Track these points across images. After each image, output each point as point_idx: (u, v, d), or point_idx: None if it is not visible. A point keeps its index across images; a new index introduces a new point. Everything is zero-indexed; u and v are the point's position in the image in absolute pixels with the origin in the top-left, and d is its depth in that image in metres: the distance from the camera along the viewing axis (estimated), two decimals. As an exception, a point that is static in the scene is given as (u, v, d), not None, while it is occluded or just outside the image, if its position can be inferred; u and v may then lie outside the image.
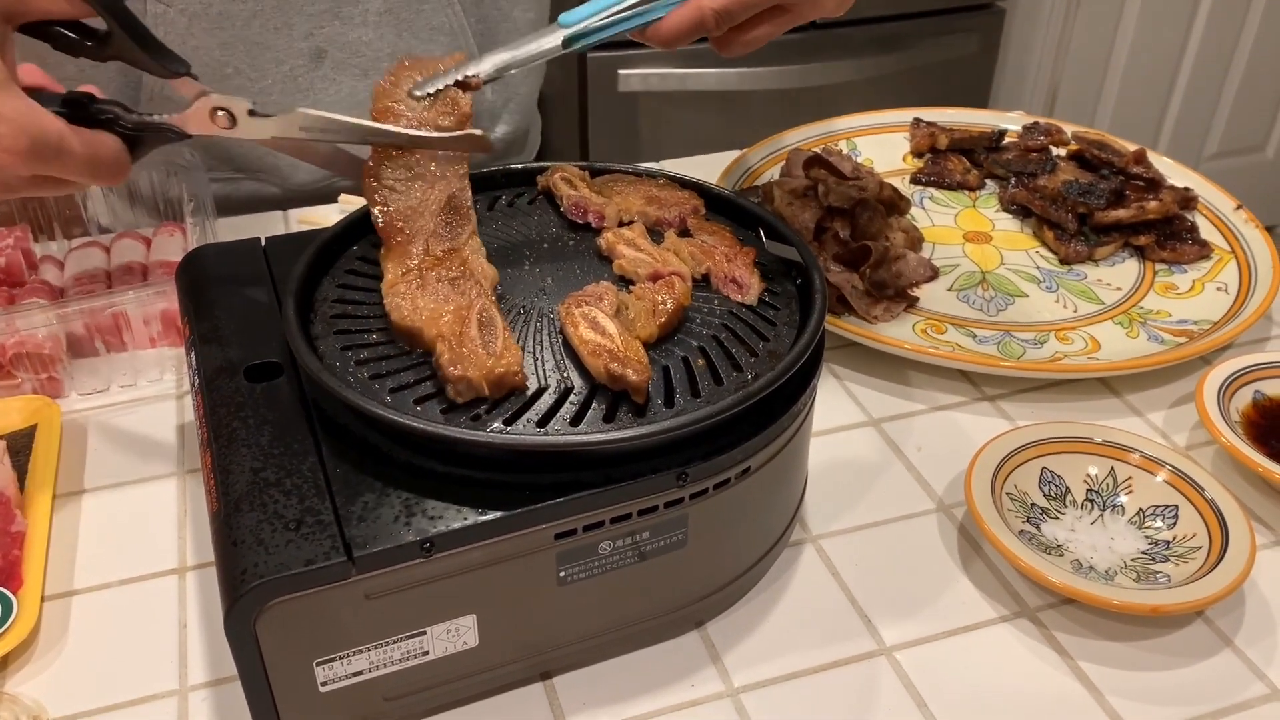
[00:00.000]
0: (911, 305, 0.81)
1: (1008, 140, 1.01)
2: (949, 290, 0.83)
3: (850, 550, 0.63)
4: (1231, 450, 0.66)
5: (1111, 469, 0.65)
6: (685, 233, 0.63)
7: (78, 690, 0.55)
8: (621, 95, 1.82)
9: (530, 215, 0.65)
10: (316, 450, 0.51)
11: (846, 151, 1.00)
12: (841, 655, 0.57)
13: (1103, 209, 0.87)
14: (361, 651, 0.49)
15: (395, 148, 0.59)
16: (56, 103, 0.55)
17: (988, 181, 0.98)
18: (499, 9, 0.96)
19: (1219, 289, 0.83)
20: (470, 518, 0.47)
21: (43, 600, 0.59)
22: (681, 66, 1.79)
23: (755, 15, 0.62)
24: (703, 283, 0.59)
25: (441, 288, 0.54)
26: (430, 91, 0.60)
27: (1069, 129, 1.00)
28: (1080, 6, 2.18)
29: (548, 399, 0.51)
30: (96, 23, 0.56)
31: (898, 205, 0.88)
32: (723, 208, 0.67)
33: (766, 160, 0.96)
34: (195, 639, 0.57)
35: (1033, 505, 0.63)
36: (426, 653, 0.50)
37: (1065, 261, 0.87)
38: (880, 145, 1.02)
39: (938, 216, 0.93)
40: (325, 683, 0.49)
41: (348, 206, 0.89)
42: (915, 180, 0.98)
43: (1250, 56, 2.34)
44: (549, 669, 0.55)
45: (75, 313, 0.71)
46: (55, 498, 0.65)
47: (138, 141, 0.57)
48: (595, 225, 0.63)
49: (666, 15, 0.62)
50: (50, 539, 0.62)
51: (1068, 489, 0.64)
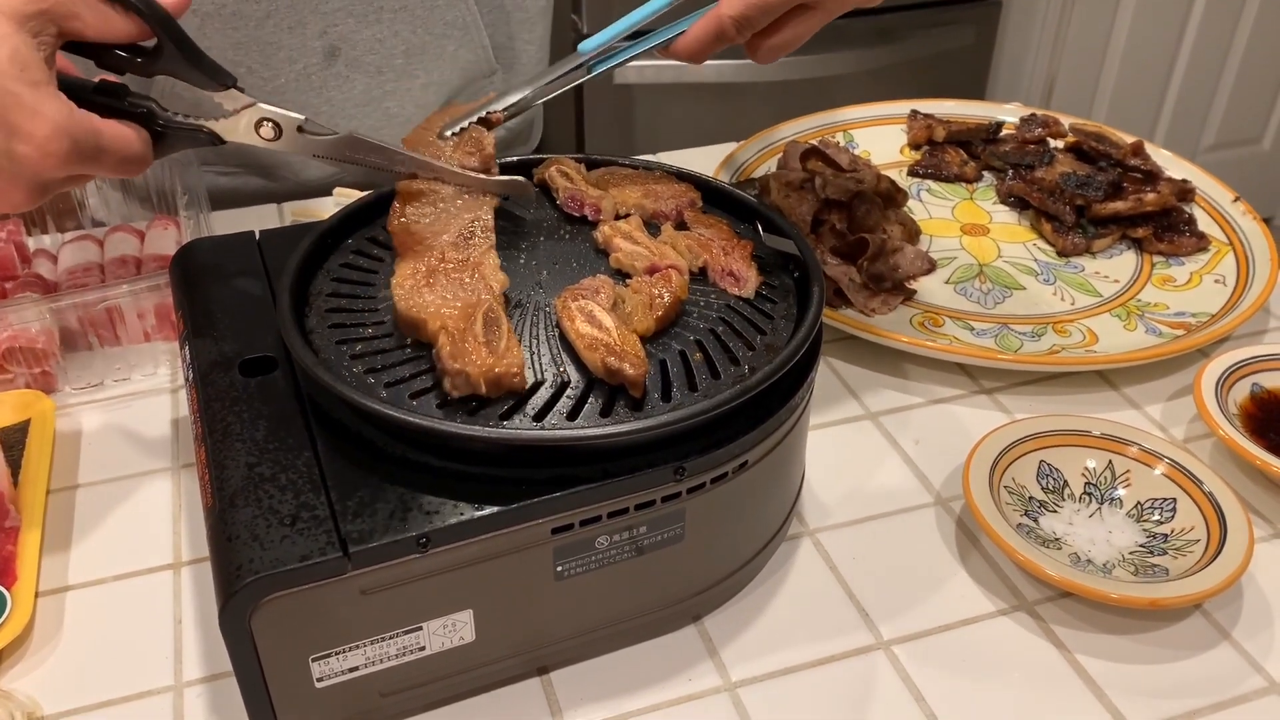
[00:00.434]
0: (909, 298, 0.80)
1: (1005, 132, 1.00)
2: (946, 283, 0.83)
3: (848, 544, 0.62)
4: (1229, 443, 0.65)
5: (1109, 462, 0.64)
6: (682, 226, 0.63)
7: (72, 686, 0.54)
8: (617, 87, 1.81)
9: (526, 208, 0.65)
10: (312, 445, 0.50)
11: (843, 144, 1.00)
12: (839, 649, 0.56)
13: (1100, 201, 0.87)
14: (357, 647, 0.48)
15: (429, 181, 0.61)
16: (90, 90, 0.54)
17: (985, 174, 0.98)
18: (513, 0, 0.96)
19: (1217, 281, 0.83)
20: (466, 513, 0.47)
21: (37, 596, 0.58)
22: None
23: (780, 18, 0.61)
24: (700, 276, 0.59)
25: (450, 285, 0.54)
26: (456, 131, 0.62)
27: (1066, 121, 0.99)
28: (1077, -2, 2.18)
29: (544, 393, 0.51)
30: (144, 39, 0.55)
31: (895, 198, 0.87)
32: (720, 200, 0.66)
33: (763, 153, 0.96)
34: (190, 635, 0.57)
35: (1031, 498, 0.63)
36: (423, 648, 0.50)
37: (1063, 254, 0.87)
38: (877, 137, 1.02)
39: (935, 209, 0.93)
40: (321, 678, 0.49)
41: (343, 199, 0.88)
42: (912, 172, 0.97)
43: (1247, 48, 2.34)
44: (546, 664, 0.55)
45: (69, 306, 0.71)
46: (49, 493, 0.65)
47: (164, 139, 0.56)
48: (592, 218, 0.62)
49: (687, 29, 0.62)
50: (44, 534, 0.62)
51: (1066, 482, 0.64)
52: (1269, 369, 0.71)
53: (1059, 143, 0.98)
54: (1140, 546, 0.61)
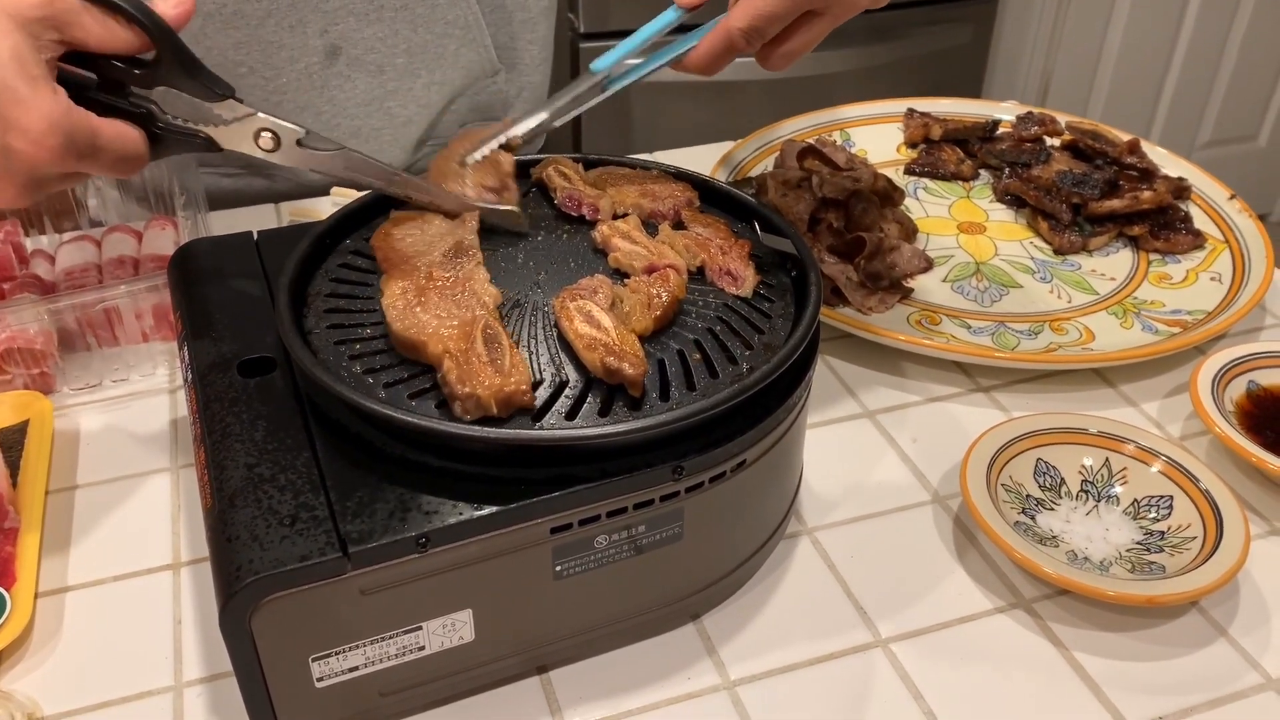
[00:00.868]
0: (906, 296, 0.81)
1: (1001, 130, 1.00)
2: (943, 281, 0.83)
3: (846, 542, 0.63)
4: (1226, 440, 0.66)
5: (1106, 460, 0.65)
6: (680, 225, 0.63)
7: (72, 687, 0.55)
8: (613, 96, 1.81)
9: (523, 208, 0.65)
10: (311, 446, 0.50)
11: (840, 142, 1.00)
12: (837, 647, 0.57)
13: (1097, 199, 0.87)
14: (357, 647, 0.49)
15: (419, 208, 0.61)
16: (92, 87, 0.54)
17: (982, 172, 0.98)
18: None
19: (1213, 279, 0.83)
20: (466, 513, 0.47)
21: (36, 597, 0.58)
22: (674, 57, 1.78)
23: (789, 25, 0.61)
24: (698, 275, 0.59)
25: (444, 303, 0.54)
26: (477, 158, 0.62)
27: (1062, 119, 0.99)
28: (1073, -4, 2.18)
29: (543, 393, 0.51)
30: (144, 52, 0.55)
31: (892, 196, 0.87)
32: (717, 200, 0.66)
33: (760, 151, 0.96)
34: (190, 635, 0.57)
35: (1028, 496, 0.63)
36: (422, 648, 0.50)
37: (1059, 252, 0.87)
38: (874, 136, 1.02)
39: (932, 207, 0.93)
40: (321, 678, 0.49)
41: (340, 200, 0.89)
42: (909, 171, 0.97)
43: (1242, 45, 2.34)
44: (545, 663, 0.55)
45: (67, 307, 0.71)
46: (48, 494, 0.65)
47: (162, 141, 0.56)
48: (590, 218, 0.63)
49: (697, 44, 0.62)
50: (43, 535, 0.62)
51: (1063, 480, 0.64)
52: (1265, 366, 0.72)
53: (1055, 141, 0.98)
54: (1137, 544, 0.61)
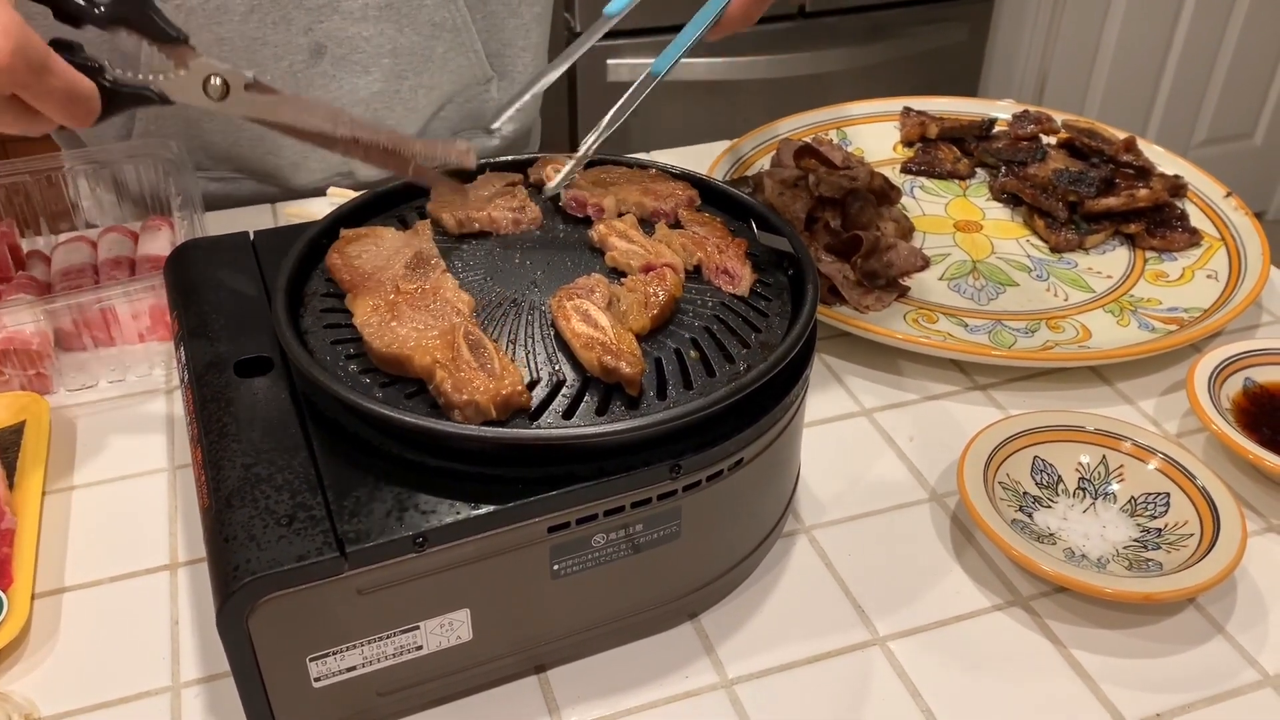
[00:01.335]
0: (903, 295, 0.81)
1: (998, 129, 1.01)
2: (940, 279, 0.83)
3: (843, 541, 0.63)
4: (1222, 437, 0.66)
5: (1103, 457, 0.65)
6: (677, 224, 0.63)
7: (69, 687, 0.54)
8: (611, 85, 1.81)
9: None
10: (308, 445, 0.50)
11: (837, 141, 1.00)
12: (835, 646, 0.57)
13: (1093, 197, 0.87)
14: (355, 647, 0.48)
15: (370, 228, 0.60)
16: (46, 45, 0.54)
17: (978, 170, 0.98)
18: (506, 5, 0.95)
19: (1209, 276, 0.83)
20: (463, 512, 0.47)
21: (33, 598, 0.58)
22: (670, 56, 1.78)
23: None
24: (695, 274, 0.59)
25: (419, 315, 0.53)
26: (558, 187, 0.62)
27: (1059, 117, 1.00)
28: (1069, -6, 2.18)
29: (540, 392, 0.51)
30: None
31: (888, 195, 0.87)
32: (714, 199, 0.66)
33: (757, 150, 0.96)
34: (187, 635, 0.57)
35: (1025, 494, 0.64)
36: (420, 647, 0.50)
37: (1056, 250, 0.87)
38: (871, 135, 1.02)
39: (928, 206, 0.93)
40: (319, 678, 0.49)
41: (336, 200, 0.88)
42: (906, 169, 0.97)
43: (1238, 43, 2.35)
44: (543, 662, 0.55)
45: (63, 308, 0.71)
46: (45, 494, 0.65)
47: (114, 97, 0.56)
48: (594, 218, 0.62)
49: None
50: (40, 536, 0.62)
51: (1060, 477, 0.65)
52: (1261, 363, 0.72)
53: (1051, 139, 0.98)
54: (1134, 541, 0.61)
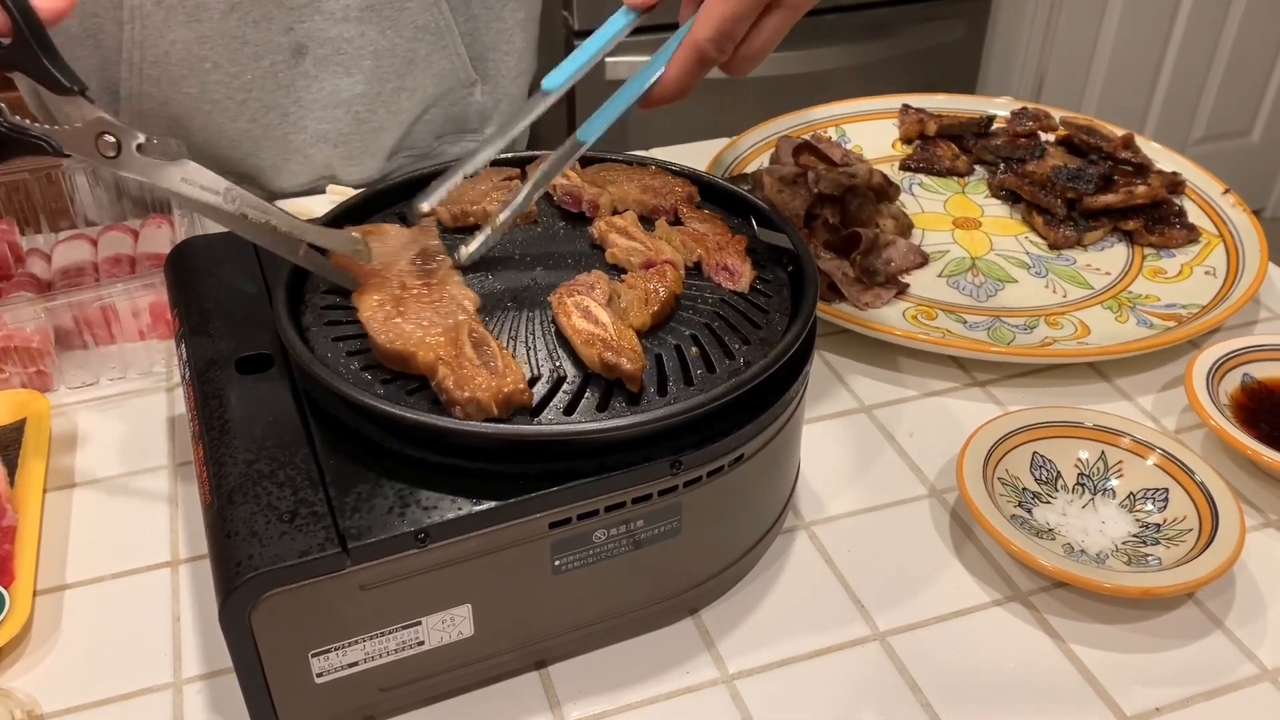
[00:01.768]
0: (902, 292, 0.81)
1: (996, 126, 1.01)
2: (939, 276, 0.84)
3: (843, 536, 0.63)
4: (1221, 433, 0.66)
5: (1102, 453, 0.65)
6: (676, 221, 0.63)
7: (72, 684, 0.55)
8: (609, 83, 1.81)
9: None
10: (309, 442, 0.50)
11: (835, 138, 1.00)
12: (835, 641, 0.57)
13: (1091, 194, 0.88)
14: (357, 642, 0.49)
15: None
16: None
17: (977, 167, 0.98)
18: (489, 9, 0.95)
19: (1207, 273, 0.84)
20: (465, 508, 0.47)
21: (35, 595, 0.58)
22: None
23: (750, 26, 0.60)
24: (695, 271, 0.59)
25: (424, 311, 0.53)
26: (432, 205, 0.57)
27: (1057, 114, 1.00)
28: (1067, -8, 2.18)
29: (541, 388, 0.51)
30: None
31: (887, 192, 0.88)
32: (713, 196, 0.67)
33: (756, 148, 0.96)
34: (189, 632, 0.57)
35: (1024, 490, 0.64)
36: (422, 643, 0.50)
37: (1054, 247, 0.87)
38: (869, 132, 1.02)
39: (927, 203, 0.93)
40: (321, 674, 0.49)
41: (336, 197, 0.89)
42: (904, 167, 0.98)
43: (1235, 41, 2.35)
44: (544, 658, 0.55)
45: (63, 305, 0.71)
46: (45, 492, 0.65)
47: (5, 144, 0.53)
48: (590, 214, 0.63)
49: (665, 70, 0.60)
50: (41, 533, 0.62)
51: (1059, 473, 0.65)
52: (1259, 359, 0.72)
53: (1050, 136, 0.99)
54: (1133, 536, 0.61)
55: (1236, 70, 2.39)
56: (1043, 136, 0.98)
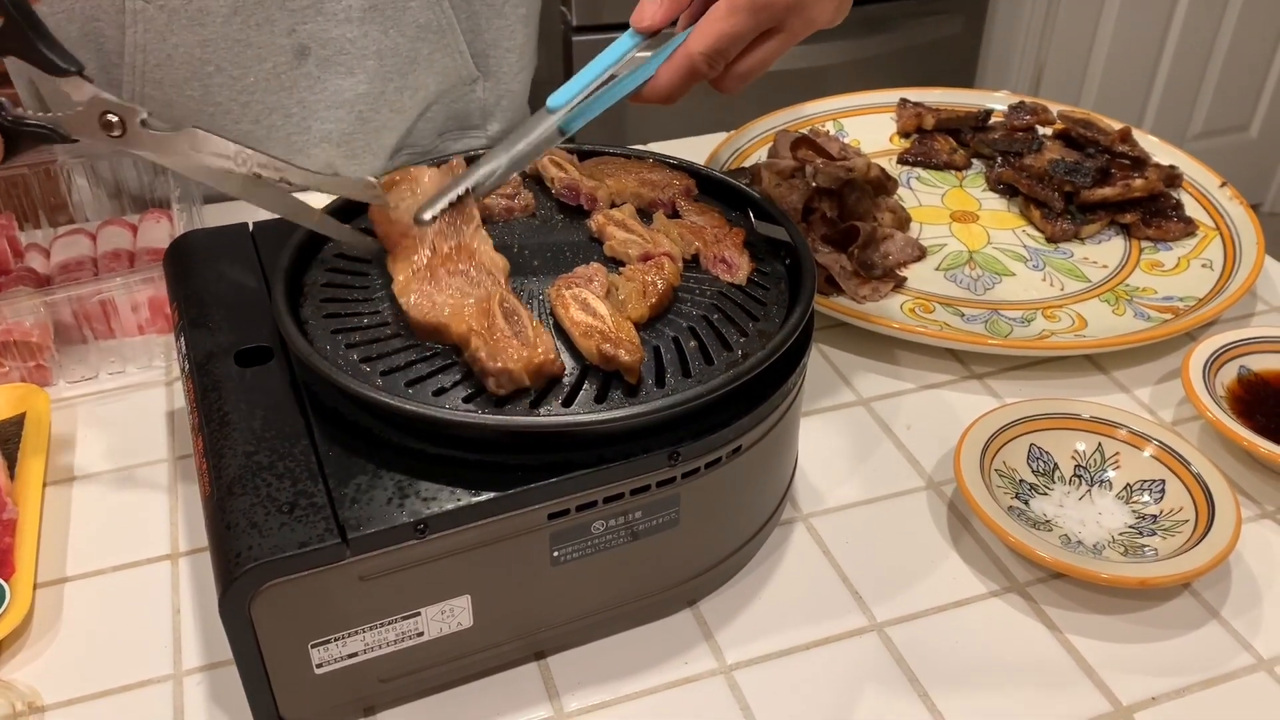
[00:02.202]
0: (899, 285, 0.81)
1: (994, 120, 1.01)
2: (936, 270, 0.84)
3: (841, 528, 0.63)
4: (1217, 425, 0.66)
5: (1099, 445, 0.65)
6: (675, 214, 0.63)
7: (72, 676, 0.55)
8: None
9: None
10: (308, 433, 0.51)
11: (833, 132, 1.00)
12: (833, 631, 0.57)
13: (1089, 187, 0.88)
14: (356, 633, 0.49)
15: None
16: None
17: (974, 161, 0.98)
18: (490, 5, 0.95)
19: (1204, 266, 0.84)
20: (464, 499, 0.47)
21: (35, 588, 0.59)
22: (667, 49, 1.78)
23: (746, 46, 0.60)
24: (693, 263, 0.59)
25: (456, 281, 0.54)
26: (435, 214, 0.57)
27: (1055, 108, 1.00)
28: (1065, -14, 2.18)
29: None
30: None
31: (885, 185, 0.88)
32: (711, 189, 0.67)
33: (754, 142, 0.96)
34: (189, 624, 0.57)
35: (1021, 481, 0.64)
36: (421, 634, 0.50)
37: (1052, 240, 0.88)
38: (867, 126, 1.02)
39: (925, 196, 0.93)
40: (320, 665, 0.49)
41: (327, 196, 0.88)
42: (902, 160, 0.98)
43: (1234, 35, 2.35)
44: (543, 649, 0.56)
45: (63, 300, 0.71)
46: (46, 486, 0.65)
47: (13, 139, 0.53)
48: (588, 207, 0.63)
49: (657, 72, 0.60)
50: (41, 527, 0.62)
51: (1056, 465, 0.65)
52: (1256, 351, 0.72)
53: (1047, 130, 0.99)
54: (1130, 527, 0.62)
55: (1235, 65, 2.39)
56: (1040, 130, 0.98)
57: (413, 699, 0.53)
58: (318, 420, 0.51)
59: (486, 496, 0.47)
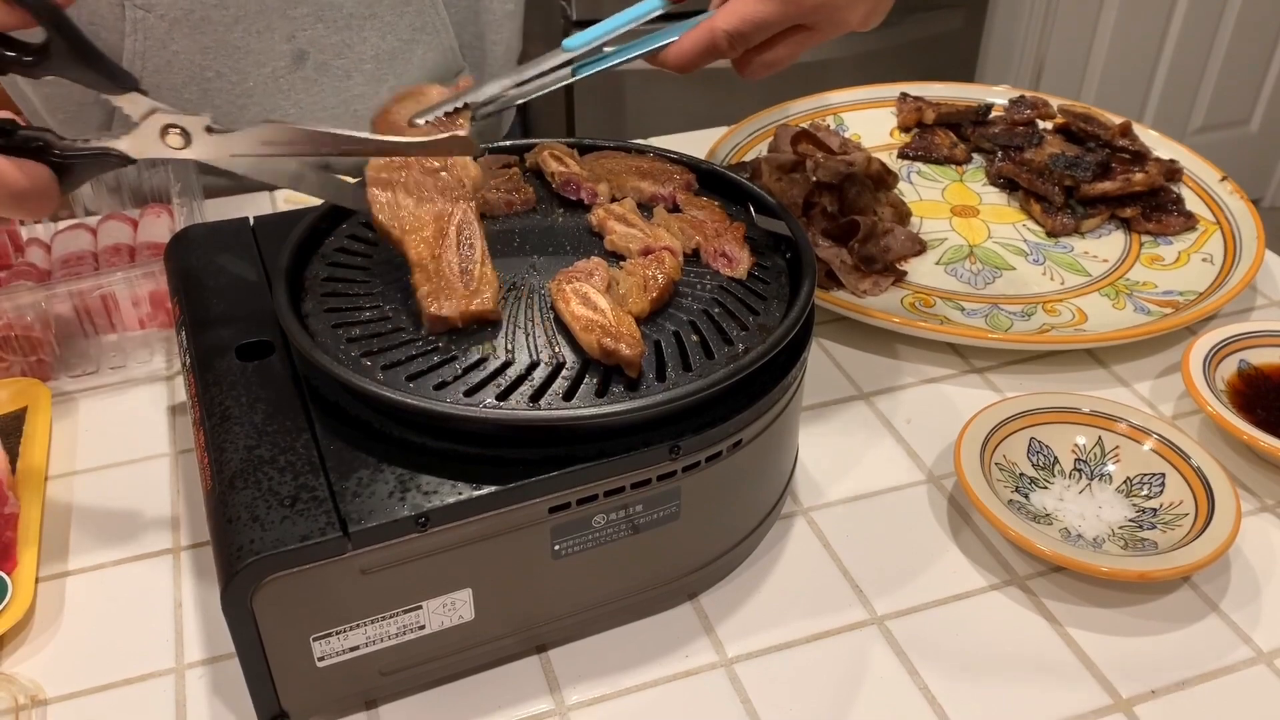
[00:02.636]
0: (899, 279, 0.81)
1: (994, 114, 1.01)
2: (937, 264, 0.84)
3: (841, 522, 0.63)
4: (1217, 419, 0.66)
5: (1099, 438, 0.65)
6: (675, 208, 0.63)
7: (74, 670, 0.55)
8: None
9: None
10: (310, 427, 0.51)
11: (834, 127, 1.00)
12: (833, 625, 0.57)
13: (1089, 181, 0.88)
14: (358, 626, 0.49)
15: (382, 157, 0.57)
16: None
17: (975, 155, 0.98)
18: (479, 0, 0.96)
19: (1204, 260, 0.84)
20: (465, 492, 0.47)
21: (37, 581, 0.59)
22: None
23: (773, 35, 0.60)
24: (693, 258, 0.59)
25: (428, 180, 0.54)
26: (428, 120, 0.58)
27: (1055, 102, 1.00)
28: (1065, -20, 2.18)
29: (540, 374, 0.51)
30: (31, 35, 0.49)
31: (885, 180, 0.88)
32: (712, 183, 0.67)
33: (754, 136, 0.96)
34: (190, 618, 0.57)
35: (1021, 475, 0.64)
36: (423, 627, 0.50)
37: (1052, 234, 0.88)
38: (867, 120, 1.02)
39: (925, 191, 0.93)
40: (322, 658, 0.49)
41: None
42: (902, 155, 0.98)
43: (1235, 30, 2.35)
44: (544, 642, 0.56)
45: (63, 294, 0.71)
46: (47, 480, 0.65)
47: (69, 169, 0.51)
48: (588, 202, 0.63)
49: (678, 39, 0.60)
50: (43, 520, 0.62)
51: (1056, 459, 0.65)
52: (1256, 345, 0.72)
53: (1048, 124, 0.99)
54: (1130, 521, 0.62)
55: (1235, 60, 2.39)
56: (1041, 124, 0.98)
57: (414, 692, 0.54)
58: (319, 414, 0.51)
59: (487, 490, 0.47)
